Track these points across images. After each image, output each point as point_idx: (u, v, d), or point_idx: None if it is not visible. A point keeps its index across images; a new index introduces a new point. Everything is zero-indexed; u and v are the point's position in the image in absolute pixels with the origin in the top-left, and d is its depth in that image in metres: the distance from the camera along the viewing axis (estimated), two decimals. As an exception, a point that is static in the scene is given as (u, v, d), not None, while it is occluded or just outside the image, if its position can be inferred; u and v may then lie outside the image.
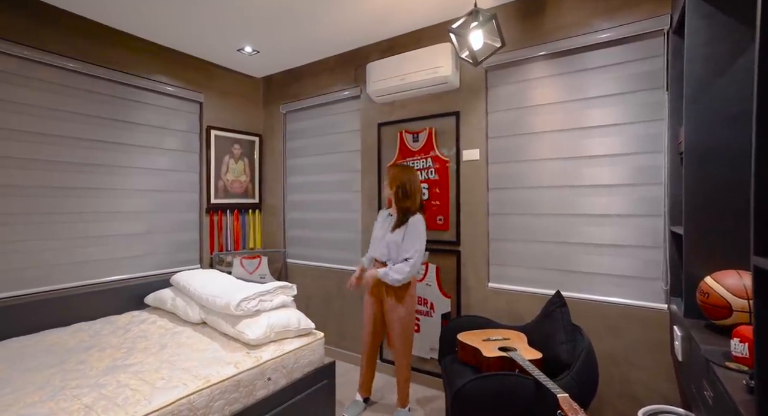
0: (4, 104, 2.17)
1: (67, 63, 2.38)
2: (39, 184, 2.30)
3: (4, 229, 2.17)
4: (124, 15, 2.42)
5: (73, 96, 2.44)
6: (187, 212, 3.09)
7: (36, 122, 2.29)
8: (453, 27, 1.73)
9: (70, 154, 2.43)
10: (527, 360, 1.68)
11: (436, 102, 2.60)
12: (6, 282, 2.17)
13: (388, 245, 2.19)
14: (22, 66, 2.24)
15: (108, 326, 2.26)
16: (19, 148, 2.22)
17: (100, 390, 1.48)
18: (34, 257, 2.28)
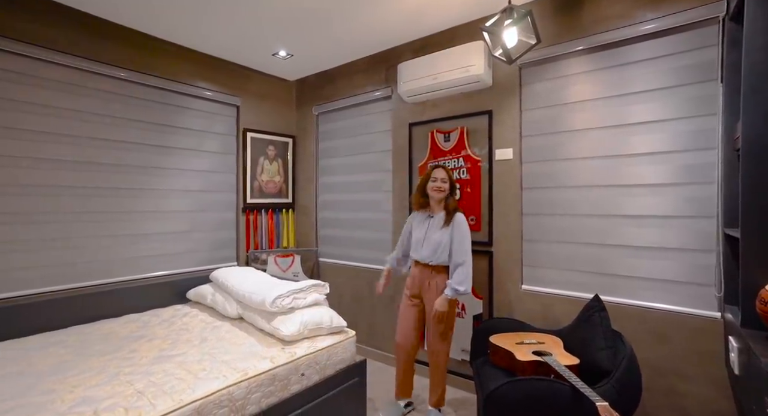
0: (64, 112, 2.35)
1: (118, 72, 2.55)
2: (93, 185, 2.48)
3: (62, 227, 2.36)
4: (169, 25, 2.57)
5: (122, 103, 2.61)
6: (225, 211, 3.23)
7: (90, 128, 2.46)
8: (486, 25, 1.71)
9: (120, 157, 2.60)
10: (563, 365, 1.63)
11: (468, 101, 2.56)
12: (65, 275, 2.36)
13: (436, 245, 2.15)
14: (82, 77, 2.42)
15: (154, 318, 2.41)
16: (74, 151, 2.40)
17: (149, 378, 1.58)
18: (89, 253, 2.47)
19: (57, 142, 2.33)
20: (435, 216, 2.22)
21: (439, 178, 2.21)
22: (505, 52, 1.70)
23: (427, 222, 2.24)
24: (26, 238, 2.22)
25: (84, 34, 2.41)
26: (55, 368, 1.67)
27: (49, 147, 2.30)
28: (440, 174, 2.21)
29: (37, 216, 2.25)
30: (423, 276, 2.22)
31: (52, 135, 2.31)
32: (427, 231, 2.21)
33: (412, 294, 2.26)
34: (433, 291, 2.17)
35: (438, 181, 2.20)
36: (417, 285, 2.24)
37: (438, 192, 2.20)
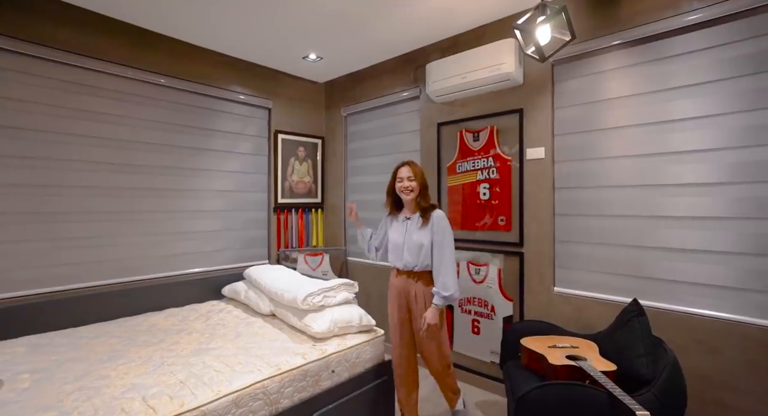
0: (110, 117, 2.51)
1: (158, 78, 2.69)
2: (136, 186, 2.63)
3: (107, 225, 2.51)
4: (206, 33, 2.68)
5: (162, 107, 2.75)
6: (256, 211, 3.33)
7: (133, 132, 2.61)
8: (518, 23, 1.68)
9: (160, 159, 2.74)
10: (599, 371, 1.58)
11: (499, 99, 2.52)
12: (111, 271, 2.52)
13: (417, 249, 1.98)
14: (126, 84, 2.57)
15: (193, 313, 2.53)
16: (118, 154, 2.55)
17: (190, 369, 1.66)
18: (133, 250, 2.62)
19: (104, 145, 2.48)
20: (412, 218, 2.06)
21: (404, 176, 2.02)
22: (538, 49, 1.67)
23: (405, 225, 2.07)
24: (76, 236, 2.38)
25: (129, 44, 2.56)
26: (107, 356, 1.79)
27: (98, 150, 2.46)
28: (405, 173, 2.03)
29: (84, 215, 2.41)
30: (407, 286, 2.05)
31: (100, 139, 2.46)
32: (406, 235, 2.03)
33: (399, 309, 2.09)
34: (420, 302, 2.01)
35: (404, 181, 2.02)
36: (403, 297, 2.07)
37: (406, 192, 2.02)
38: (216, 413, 1.44)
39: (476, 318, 2.61)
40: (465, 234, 2.67)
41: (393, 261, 2.12)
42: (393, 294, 2.12)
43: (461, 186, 2.69)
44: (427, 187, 2.07)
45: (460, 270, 2.69)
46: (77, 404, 1.37)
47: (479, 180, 2.59)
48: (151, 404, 1.38)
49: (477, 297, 2.61)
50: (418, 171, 2.04)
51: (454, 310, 2.73)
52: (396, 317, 2.10)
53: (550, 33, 1.69)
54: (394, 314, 2.11)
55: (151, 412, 1.34)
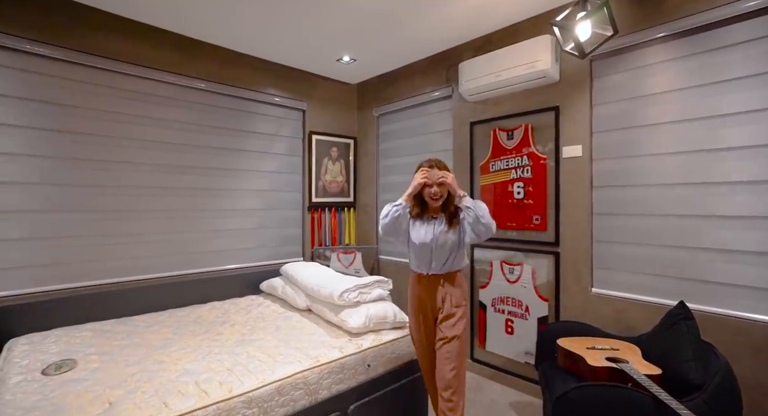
0: (160, 122, 2.68)
1: (199, 83, 2.84)
2: (180, 185, 2.79)
3: (159, 223, 2.68)
4: (245, 39, 2.81)
5: (204, 111, 2.90)
6: (291, 210, 3.45)
7: (177, 135, 2.77)
8: (556, 20, 1.66)
9: (203, 160, 2.89)
10: (643, 374, 1.54)
11: (533, 97, 2.49)
12: (161, 265, 2.69)
13: (449, 250, 1.77)
14: (173, 90, 2.74)
15: (234, 306, 2.66)
16: (166, 156, 2.71)
17: (235, 358, 1.76)
18: (178, 246, 2.77)
19: (152, 148, 2.65)
20: (439, 218, 1.84)
21: (435, 181, 1.77)
22: (578, 46, 1.64)
23: (432, 225, 1.83)
24: (132, 232, 2.56)
25: (173, 52, 2.72)
26: (161, 343, 1.93)
27: (147, 152, 2.63)
28: (438, 168, 1.80)
29: (137, 213, 2.59)
30: (434, 292, 1.80)
31: (148, 142, 2.63)
32: (434, 235, 1.79)
33: (425, 323, 1.84)
34: (449, 305, 1.78)
35: (434, 187, 1.77)
36: (429, 308, 1.82)
37: (436, 199, 1.79)
38: (261, 399, 1.53)
39: (510, 318, 2.58)
40: (498, 233, 2.64)
41: (417, 266, 1.85)
42: (417, 306, 1.86)
43: (494, 185, 2.67)
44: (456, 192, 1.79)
45: (494, 270, 2.68)
46: (139, 384, 1.49)
47: (513, 179, 2.56)
48: (204, 388, 1.48)
49: (511, 297, 2.58)
50: (446, 170, 1.82)
51: (486, 310, 2.72)
52: (422, 332, 1.85)
53: (591, 28, 1.66)
54: (419, 328, 1.86)
55: (204, 395, 1.43)
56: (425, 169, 1.80)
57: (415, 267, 1.89)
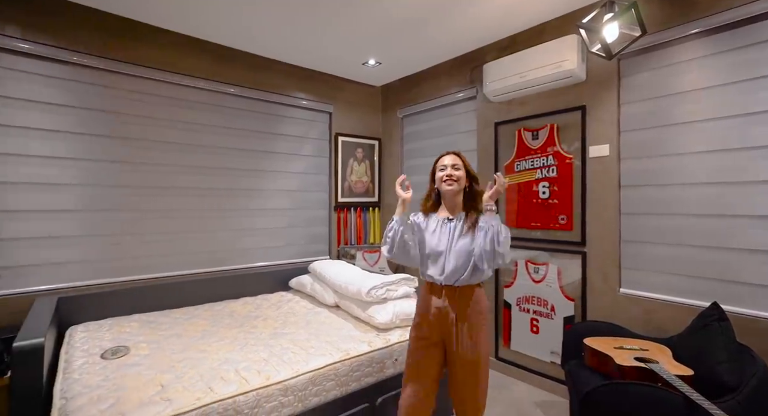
0: (196, 126, 2.84)
1: (228, 88, 2.97)
2: (213, 186, 2.94)
3: (195, 222, 2.84)
4: (275, 45, 2.93)
5: (238, 116, 3.05)
6: (318, 209, 3.56)
7: (215, 138, 2.93)
8: (583, 22, 1.67)
9: (235, 161, 3.03)
10: (674, 374, 1.53)
11: (559, 97, 2.49)
12: (198, 261, 2.84)
13: (463, 258, 1.53)
14: (210, 96, 2.90)
15: (265, 302, 2.78)
16: (200, 158, 2.86)
17: (270, 349, 1.86)
18: (211, 243, 2.92)
19: (190, 151, 2.81)
20: (455, 219, 1.60)
21: (448, 164, 1.58)
22: (605, 47, 1.65)
23: (446, 229, 1.59)
24: (171, 230, 2.73)
25: (209, 59, 2.87)
26: (201, 334, 2.06)
27: (186, 156, 2.79)
28: (449, 160, 1.60)
29: (176, 212, 2.75)
30: (448, 306, 1.54)
31: (186, 145, 2.79)
32: (450, 240, 1.57)
33: (432, 336, 1.57)
34: (466, 332, 1.52)
35: (447, 168, 1.58)
36: (442, 323, 1.55)
37: (449, 181, 1.56)
38: (296, 388, 1.62)
39: (535, 318, 2.59)
40: (523, 233, 2.66)
41: (431, 274, 1.59)
42: (423, 316, 1.60)
43: (519, 185, 2.68)
44: (478, 182, 1.64)
45: (519, 269, 2.69)
46: (185, 370, 1.61)
47: (538, 179, 2.57)
48: (244, 375, 1.58)
49: (536, 296, 2.59)
50: (466, 162, 1.63)
51: (511, 309, 2.73)
52: (423, 346, 1.58)
53: (618, 29, 1.67)
54: (421, 343, 1.59)
55: (244, 382, 1.54)
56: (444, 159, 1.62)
57: (426, 275, 1.61)
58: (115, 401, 1.36)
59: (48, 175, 2.27)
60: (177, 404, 1.36)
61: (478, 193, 1.61)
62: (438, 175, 1.61)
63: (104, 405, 1.34)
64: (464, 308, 1.53)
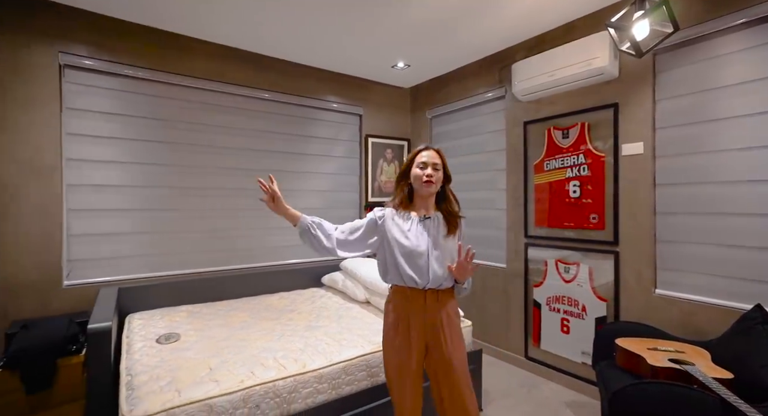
0: (237, 130, 3.02)
1: (262, 94, 3.13)
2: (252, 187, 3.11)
3: (236, 221, 3.02)
4: (307, 51, 3.07)
5: (273, 120, 3.21)
6: (349, 209, 3.68)
7: (252, 141, 3.10)
8: (611, 21, 1.66)
9: (270, 163, 3.20)
10: (711, 377, 1.49)
11: (591, 95, 2.46)
12: (238, 257, 3.03)
13: (448, 261, 1.47)
14: (247, 102, 3.08)
15: (299, 297, 2.92)
16: (242, 161, 3.05)
17: (305, 340, 1.98)
18: (249, 241, 3.10)
19: (229, 154, 3.00)
20: (433, 218, 1.50)
21: (429, 162, 1.47)
22: (635, 45, 1.63)
23: (423, 227, 1.48)
24: (214, 228, 2.92)
25: (245, 67, 3.05)
26: (241, 325, 2.22)
27: (225, 158, 2.99)
28: (431, 157, 1.48)
29: (219, 211, 2.94)
30: (429, 311, 1.45)
31: (225, 149, 2.98)
32: (430, 240, 1.46)
33: (416, 346, 1.44)
34: (448, 328, 1.46)
35: (428, 168, 1.47)
36: (427, 328, 1.45)
37: (428, 184, 1.46)
38: (329, 376, 1.72)
39: (565, 318, 2.57)
40: (553, 232, 2.65)
41: (410, 275, 1.44)
42: (404, 326, 1.45)
43: (549, 184, 2.67)
44: (451, 181, 1.57)
45: (549, 269, 2.67)
46: (229, 356, 1.75)
47: (568, 177, 2.55)
48: (282, 362, 1.70)
49: (566, 296, 2.57)
50: (445, 159, 1.54)
51: (541, 308, 2.72)
52: (410, 356, 1.44)
53: (649, 27, 1.64)
54: (405, 351, 1.44)
55: (282, 368, 1.66)
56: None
57: (401, 279, 1.46)
58: (171, 379, 1.52)
59: (107, 176, 2.52)
60: (224, 385, 1.50)
61: (450, 193, 1.57)
62: (416, 173, 1.48)
63: (163, 382, 1.50)
64: (446, 310, 1.47)
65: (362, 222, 1.57)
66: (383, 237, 1.51)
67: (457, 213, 1.54)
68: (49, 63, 2.32)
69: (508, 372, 2.80)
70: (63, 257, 2.34)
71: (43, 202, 2.29)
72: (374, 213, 1.56)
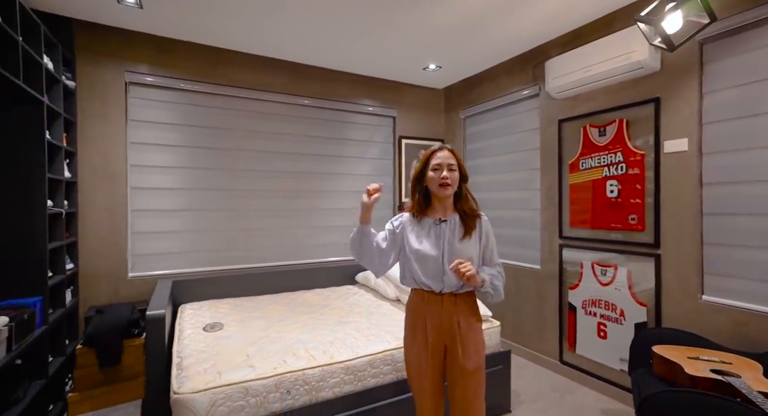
0: (278, 135, 3.23)
1: (302, 100, 3.31)
2: (291, 188, 3.31)
3: (276, 220, 3.22)
4: (342, 58, 3.20)
5: (311, 124, 3.38)
6: (383, 209, 3.77)
7: (291, 145, 3.29)
8: (640, 15, 1.59)
9: (309, 166, 3.37)
10: (757, 390, 1.39)
11: (629, 90, 2.35)
12: (278, 255, 3.23)
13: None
14: (287, 108, 3.27)
15: (333, 294, 3.06)
16: (283, 164, 3.25)
17: (335, 334, 2.09)
18: (291, 239, 3.29)
19: (270, 158, 3.21)
20: (448, 221, 1.47)
21: (445, 164, 1.43)
22: (666, 39, 1.56)
23: (438, 231, 1.46)
24: (257, 227, 3.14)
25: (287, 76, 3.24)
26: (278, 318, 2.39)
27: (267, 161, 3.19)
28: (446, 158, 1.44)
29: (261, 212, 3.16)
30: (446, 314, 1.42)
31: (267, 153, 3.19)
32: (445, 244, 1.44)
33: (435, 349, 1.44)
34: (467, 333, 1.43)
35: (444, 169, 1.42)
36: (444, 332, 1.43)
37: (446, 187, 1.42)
38: (355, 368, 1.82)
39: (602, 322, 2.47)
40: (590, 233, 2.56)
41: (424, 281, 1.45)
42: (421, 327, 1.46)
43: (585, 184, 2.58)
44: (467, 180, 1.51)
45: (585, 271, 2.58)
46: (265, 345, 1.91)
47: (606, 177, 2.45)
48: (312, 353, 1.83)
49: (603, 300, 2.47)
50: (460, 158, 1.48)
51: (576, 312, 2.63)
52: (427, 356, 1.44)
53: (682, 18, 1.56)
54: (423, 352, 1.45)
55: (311, 358, 1.78)
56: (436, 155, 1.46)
57: (416, 283, 1.47)
58: (214, 363, 1.69)
59: (164, 180, 2.81)
60: (259, 370, 1.65)
61: (467, 192, 1.51)
62: (431, 175, 1.44)
63: (207, 365, 1.68)
64: (464, 314, 1.44)
65: (384, 234, 1.54)
66: (401, 244, 1.51)
67: (474, 212, 1.49)
68: (118, 81, 2.64)
69: (541, 376, 2.74)
70: (128, 252, 2.66)
71: (112, 204, 2.61)
72: (391, 223, 1.55)
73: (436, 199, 1.49)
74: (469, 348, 1.42)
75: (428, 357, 1.44)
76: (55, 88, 2.20)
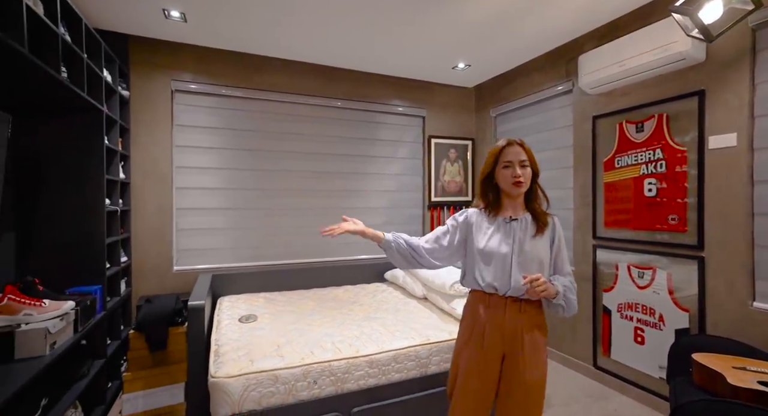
0: (310, 136, 3.35)
1: (335, 102, 3.40)
2: (320, 188, 3.41)
3: (306, 219, 3.34)
4: (371, 60, 3.26)
5: (342, 125, 3.48)
6: (413, 208, 3.80)
7: (323, 146, 3.40)
8: (675, 5, 1.51)
9: (339, 166, 3.47)
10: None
11: (670, 83, 2.22)
12: (307, 252, 3.35)
13: (532, 266, 1.34)
14: (320, 110, 3.39)
15: (362, 291, 3.13)
16: (314, 164, 3.36)
17: (362, 329, 2.16)
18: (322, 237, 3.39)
19: (302, 159, 3.33)
20: (520, 220, 1.39)
21: (516, 161, 1.35)
22: (703, 29, 1.47)
23: (509, 229, 1.38)
24: (286, 225, 3.28)
25: (318, 79, 3.35)
26: (308, 312, 2.49)
27: (299, 162, 3.32)
28: (517, 155, 1.36)
29: (290, 210, 3.29)
30: (509, 322, 1.33)
31: (299, 153, 3.32)
32: (515, 243, 1.36)
33: (488, 361, 1.33)
34: (530, 346, 1.32)
35: (516, 167, 1.35)
36: (507, 339, 1.33)
37: (518, 185, 1.35)
38: (380, 362, 1.87)
39: (639, 327, 2.36)
40: (626, 234, 2.44)
41: (488, 281, 1.36)
42: (479, 332, 1.36)
43: (621, 182, 2.47)
44: (539, 176, 1.43)
45: (620, 273, 2.48)
46: (295, 337, 2.01)
47: (643, 175, 2.33)
48: (338, 346, 1.90)
49: (640, 304, 2.36)
50: (531, 152, 1.40)
51: (611, 315, 2.53)
52: (479, 365, 1.34)
53: (723, 6, 1.46)
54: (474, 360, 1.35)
55: (337, 351, 1.85)
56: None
57: (478, 284, 1.39)
58: (247, 351, 1.81)
59: (205, 180, 3.01)
60: (288, 360, 1.74)
61: (538, 189, 1.44)
62: (503, 173, 1.37)
63: (241, 353, 1.80)
64: (529, 324, 1.34)
65: (445, 228, 1.49)
66: (464, 240, 1.45)
67: (544, 211, 1.42)
68: (165, 89, 2.86)
69: (574, 380, 2.66)
70: (173, 247, 2.88)
71: (160, 202, 2.83)
72: (455, 218, 1.49)
73: (505, 196, 1.41)
74: (532, 360, 1.31)
75: (479, 367, 1.34)
76: (113, 98, 2.43)
